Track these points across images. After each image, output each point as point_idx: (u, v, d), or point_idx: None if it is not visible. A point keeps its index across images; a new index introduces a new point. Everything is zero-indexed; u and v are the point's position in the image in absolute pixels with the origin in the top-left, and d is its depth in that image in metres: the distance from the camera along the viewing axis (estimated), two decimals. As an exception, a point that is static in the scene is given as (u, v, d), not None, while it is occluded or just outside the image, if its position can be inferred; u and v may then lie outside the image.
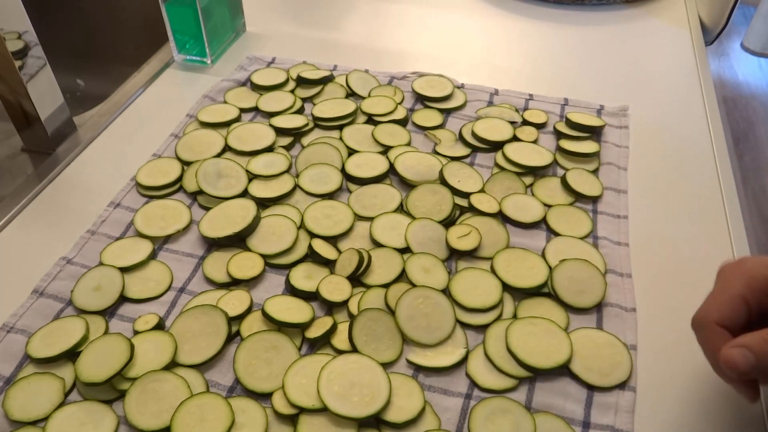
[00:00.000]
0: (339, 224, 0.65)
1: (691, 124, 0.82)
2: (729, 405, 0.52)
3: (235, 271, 0.60)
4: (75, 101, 1.12)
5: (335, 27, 1.00)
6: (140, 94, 0.86)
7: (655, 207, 0.70)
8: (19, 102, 0.74)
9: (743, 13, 2.97)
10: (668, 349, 0.56)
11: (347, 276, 0.59)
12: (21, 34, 0.72)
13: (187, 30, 0.87)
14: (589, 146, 0.75)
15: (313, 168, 0.71)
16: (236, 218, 0.64)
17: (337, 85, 0.85)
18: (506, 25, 1.02)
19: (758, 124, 2.43)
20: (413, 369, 0.54)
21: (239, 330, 0.56)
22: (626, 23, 1.02)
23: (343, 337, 0.55)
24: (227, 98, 0.83)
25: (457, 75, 0.88)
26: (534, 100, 0.84)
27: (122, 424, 0.49)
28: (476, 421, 0.49)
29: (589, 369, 0.53)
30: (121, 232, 0.65)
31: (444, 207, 0.66)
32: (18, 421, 0.49)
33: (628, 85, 0.89)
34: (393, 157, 0.72)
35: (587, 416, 0.51)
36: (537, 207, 0.67)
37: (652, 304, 0.60)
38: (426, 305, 0.56)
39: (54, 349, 0.53)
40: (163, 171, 0.71)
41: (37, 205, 0.69)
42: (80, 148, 0.76)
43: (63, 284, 0.59)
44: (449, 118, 0.81)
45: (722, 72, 2.70)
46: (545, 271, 0.60)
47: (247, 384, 0.51)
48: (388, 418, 0.49)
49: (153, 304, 0.59)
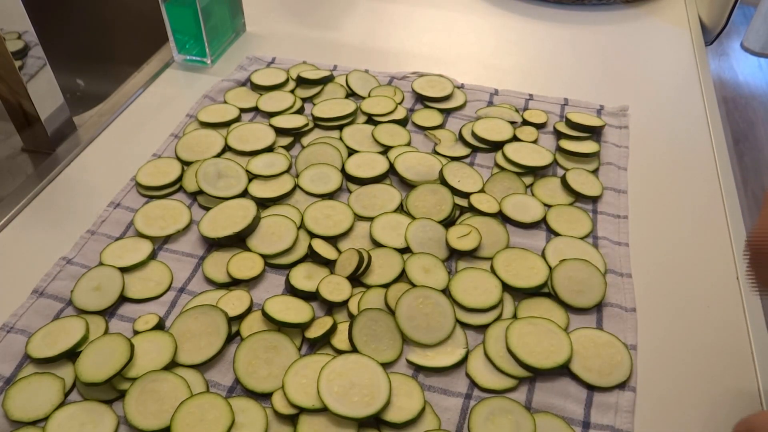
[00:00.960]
0: (339, 224, 0.65)
1: (691, 124, 0.82)
2: (729, 405, 0.52)
3: (235, 271, 0.60)
4: (75, 101, 1.12)
5: (335, 27, 1.00)
6: (140, 94, 0.86)
7: (655, 207, 0.70)
8: (19, 102, 0.74)
9: (743, 13, 2.97)
10: (668, 349, 0.56)
11: (347, 276, 0.59)
12: (21, 34, 0.72)
13: (187, 30, 0.87)
14: (589, 146, 0.75)
15: (313, 168, 0.71)
16: (236, 218, 0.64)
17: (337, 85, 0.85)
18: (506, 25, 1.02)
19: (758, 124, 2.43)
20: (413, 369, 0.54)
21: (239, 330, 0.56)
22: (626, 23, 1.02)
23: (343, 337, 0.55)
24: (227, 98, 0.83)
25: (457, 75, 0.88)
26: (534, 100, 0.84)
27: (122, 424, 0.49)
28: (476, 421, 0.49)
29: (589, 369, 0.53)
30: (121, 232, 0.65)
31: (444, 207, 0.66)
32: (18, 421, 0.49)
33: (628, 85, 0.89)
34: (393, 157, 0.72)
35: (587, 416, 0.51)
36: (537, 207, 0.67)
37: (652, 304, 0.60)
38: (426, 305, 0.56)
39: (54, 349, 0.53)
40: (163, 171, 0.71)
41: (37, 205, 0.69)
42: (80, 148, 0.76)
43: (63, 284, 0.59)
44: (449, 118, 0.81)
45: (722, 72, 2.70)
46: (545, 271, 0.60)
47: (247, 384, 0.51)
48: (388, 418, 0.49)
49: (153, 304, 0.59)
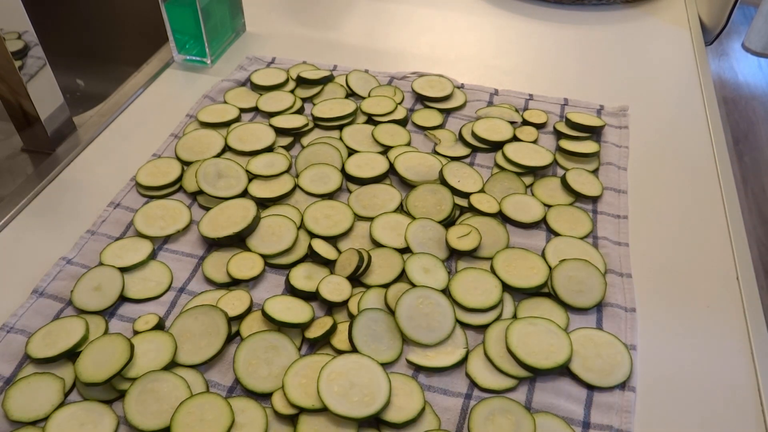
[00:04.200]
0: (339, 224, 0.65)
1: (691, 124, 0.82)
2: (729, 405, 0.52)
3: (235, 271, 0.60)
4: (75, 101, 1.12)
5: (335, 27, 1.00)
6: (140, 94, 0.86)
7: (655, 207, 0.70)
8: (19, 102, 0.74)
9: (743, 13, 2.97)
10: (668, 349, 0.56)
11: (347, 276, 0.59)
12: (21, 34, 0.72)
13: (187, 30, 0.87)
14: (589, 146, 0.75)
15: (313, 168, 0.71)
16: (236, 218, 0.64)
17: (337, 85, 0.85)
18: (506, 25, 1.02)
19: (758, 124, 2.43)
20: (413, 369, 0.54)
21: (239, 330, 0.56)
22: (626, 23, 1.02)
23: (343, 337, 0.55)
24: (227, 98, 0.83)
25: (457, 75, 0.88)
26: (534, 100, 0.84)
27: (122, 424, 0.49)
28: (476, 421, 0.49)
29: (589, 369, 0.53)
30: (121, 232, 0.65)
31: (444, 207, 0.66)
32: (18, 421, 0.49)
33: (628, 85, 0.89)
34: (393, 158, 0.72)
35: (587, 416, 0.51)
36: (537, 207, 0.67)
37: (652, 304, 0.60)
38: (426, 305, 0.56)
39: (54, 349, 0.53)
40: (163, 171, 0.71)
41: (37, 205, 0.69)
42: (80, 148, 0.76)
43: (63, 284, 0.59)
44: (449, 118, 0.81)
45: (722, 72, 2.70)
46: (545, 271, 0.60)
47: (247, 384, 0.51)
48: (388, 418, 0.49)
49: (153, 304, 0.59)
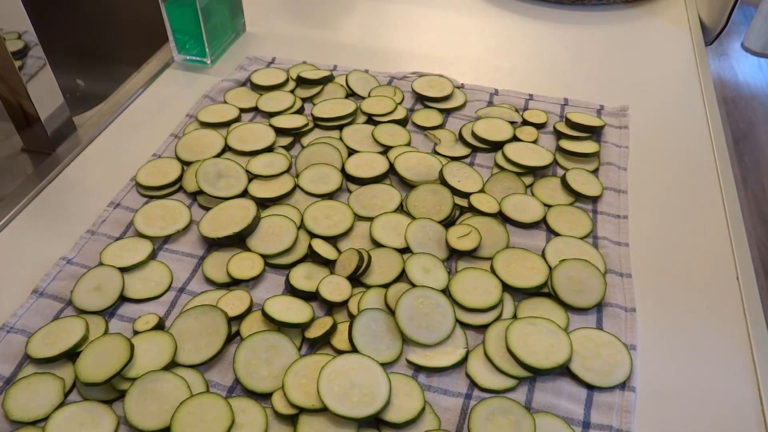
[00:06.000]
0: (339, 224, 0.65)
1: (691, 124, 0.82)
2: (728, 405, 0.52)
3: (235, 271, 0.60)
4: (75, 101, 1.12)
5: (335, 27, 1.00)
6: (140, 94, 0.86)
7: (655, 207, 0.70)
8: (19, 102, 0.74)
9: (743, 13, 2.97)
10: (668, 349, 0.56)
11: (347, 276, 0.59)
12: (21, 34, 0.72)
13: (187, 30, 0.87)
14: (589, 146, 0.75)
15: (313, 168, 0.71)
16: (236, 218, 0.64)
17: (337, 85, 0.85)
18: (506, 25, 1.02)
19: (758, 124, 2.43)
20: (413, 369, 0.54)
21: (239, 330, 0.56)
22: (626, 23, 1.02)
23: (343, 337, 0.55)
24: (227, 98, 0.83)
25: (457, 75, 0.88)
26: (534, 100, 0.84)
27: (122, 424, 0.49)
28: (476, 421, 0.49)
29: (589, 369, 0.53)
30: (121, 232, 0.65)
31: (444, 207, 0.66)
32: (18, 421, 0.49)
33: (628, 85, 0.89)
34: (393, 158, 0.72)
35: (587, 416, 0.51)
36: (537, 207, 0.67)
37: (652, 304, 0.60)
38: (426, 305, 0.56)
39: (54, 349, 0.53)
40: (163, 171, 0.71)
41: (37, 205, 0.69)
42: (80, 148, 0.76)
43: (63, 284, 0.59)
44: (449, 118, 0.81)
45: (722, 72, 2.70)
46: (545, 271, 0.60)
47: (247, 384, 0.51)
48: (388, 418, 0.49)
49: (153, 304, 0.59)
